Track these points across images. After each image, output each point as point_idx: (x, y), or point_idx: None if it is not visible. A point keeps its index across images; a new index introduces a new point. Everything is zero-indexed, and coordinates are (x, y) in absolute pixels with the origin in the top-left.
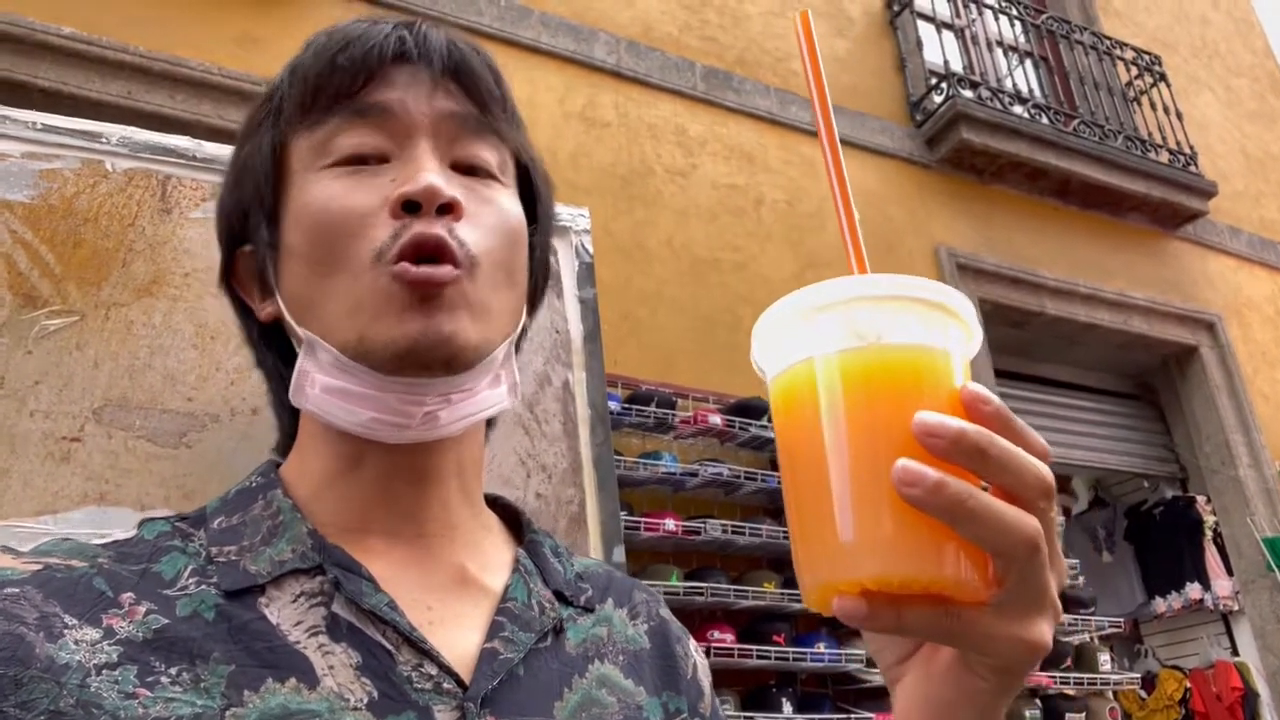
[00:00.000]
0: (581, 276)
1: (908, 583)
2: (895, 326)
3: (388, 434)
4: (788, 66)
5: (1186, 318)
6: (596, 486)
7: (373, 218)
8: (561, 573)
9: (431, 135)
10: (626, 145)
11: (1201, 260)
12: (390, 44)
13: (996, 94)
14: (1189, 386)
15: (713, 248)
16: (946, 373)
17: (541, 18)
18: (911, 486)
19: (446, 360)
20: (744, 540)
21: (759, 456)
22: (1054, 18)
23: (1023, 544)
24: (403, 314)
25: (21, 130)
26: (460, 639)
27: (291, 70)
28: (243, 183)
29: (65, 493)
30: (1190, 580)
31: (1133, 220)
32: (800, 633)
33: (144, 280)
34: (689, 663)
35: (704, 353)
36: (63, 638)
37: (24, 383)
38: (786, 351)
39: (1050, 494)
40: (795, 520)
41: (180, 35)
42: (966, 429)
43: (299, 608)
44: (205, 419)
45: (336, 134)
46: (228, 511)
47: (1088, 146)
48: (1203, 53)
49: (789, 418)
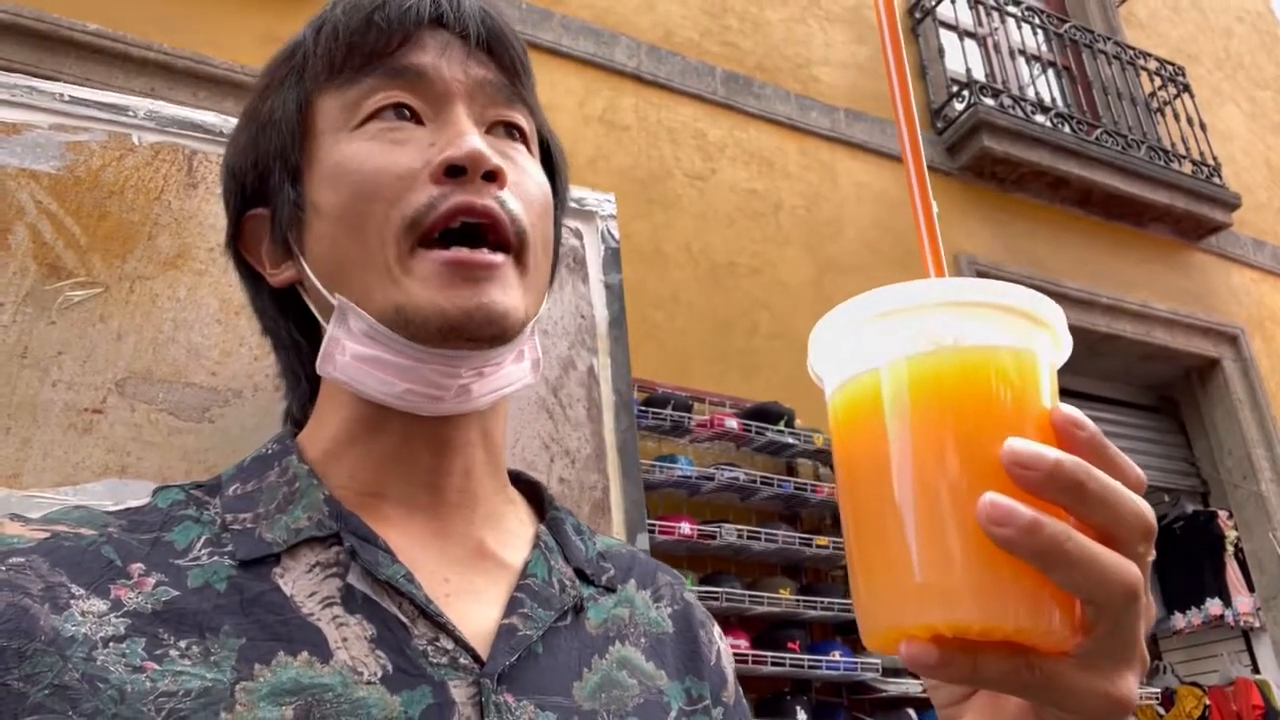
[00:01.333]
0: (608, 261)
1: (989, 631)
2: (974, 333)
3: (421, 405)
4: (808, 72)
5: (1209, 330)
6: (621, 473)
7: (411, 180)
8: (583, 551)
9: (467, 98)
10: (646, 149)
11: (1225, 273)
12: (426, 6)
13: (1018, 102)
14: (1211, 399)
15: (730, 252)
16: (1033, 382)
17: (563, 21)
18: (1001, 525)
19: (497, 335)
20: (759, 546)
21: (775, 461)
22: (1077, 27)
23: (1121, 593)
24: (447, 288)
25: (49, 102)
26: (478, 614)
27: (318, 27)
28: (260, 140)
29: (86, 464)
30: (1211, 596)
31: (1155, 231)
32: (815, 640)
33: (169, 254)
34: (713, 649)
35: (721, 357)
36: (68, 609)
37: (47, 353)
38: (848, 360)
39: (1151, 535)
40: (857, 552)
41: (204, 33)
42: (1064, 461)
43: (314, 578)
44: (228, 394)
45: (370, 93)
46: (243, 478)
47: (1110, 156)
48: (1227, 64)
49: (851, 436)
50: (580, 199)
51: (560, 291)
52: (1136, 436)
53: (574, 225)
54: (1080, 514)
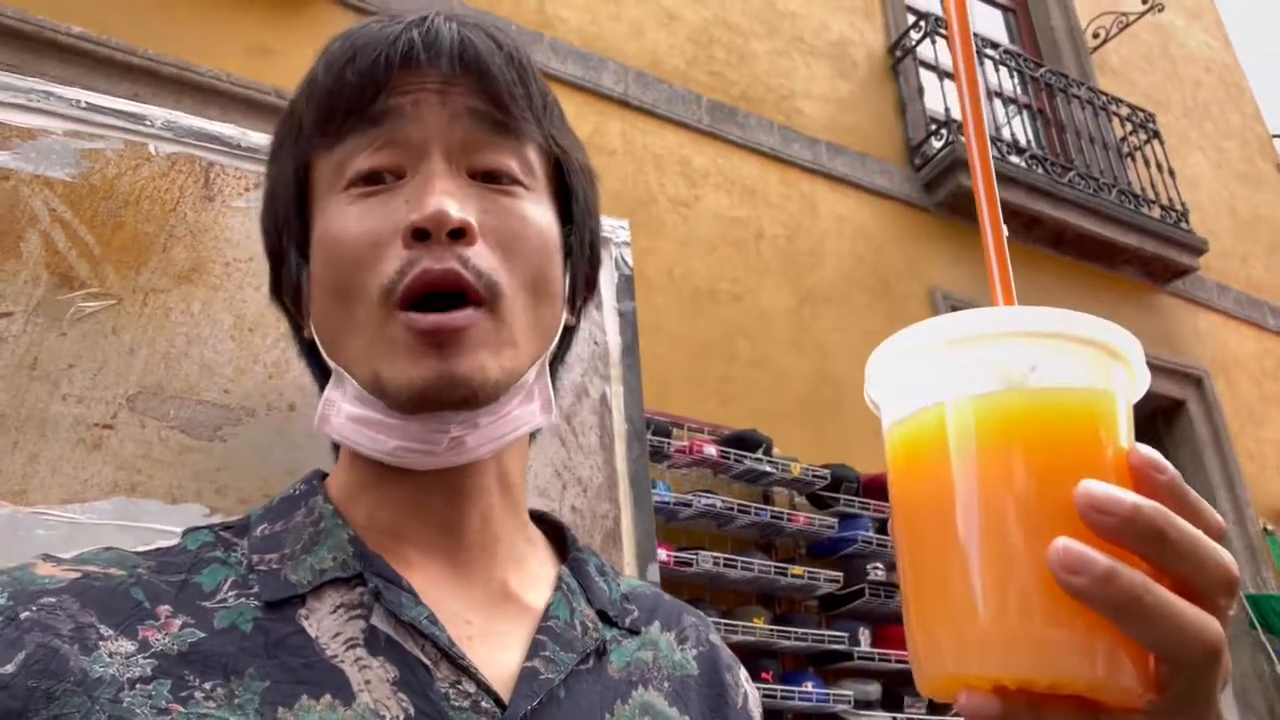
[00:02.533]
0: (621, 289)
1: (1057, 685)
2: (1049, 367)
3: (415, 461)
4: (791, 104)
5: (1175, 371)
6: (632, 503)
7: (385, 248)
8: (606, 592)
9: (445, 144)
10: (632, 174)
11: (1191, 316)
12: (399, 49)
13: (994, 142)
14: (1176, 441)
15: (712, 279)
16: (1110, 425)
17: (552, 44)
18: (1075, 574)
19: (464, 399)
20: (735, 574)
21: (752, 490)
22: (1051, 71)
23: (1200, 649)
24: (415, 359)
25: (65, 107)
26: (500, 657)
27: (308, 84)
28: (273, 204)
29: (95, 481)
30: None
31: (1125, 273)
32: (788, 670)
33: (184, 267)
34: (739, 692)
35: (700, 383)
36: (97, 650)
37: (57, 365)
38: (911, 393)
39: (1234, 588)
40: (914, 595)
41: (190, 41)
42: (1143, 506)
43: (338, 619)
44: (241, 413)
45: (353, 154)
46: (271, 519)
47: (1082, 198)
48: (1194, 113)
49: (912, 473)
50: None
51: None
52: None
53: None
54: (1159, 563)
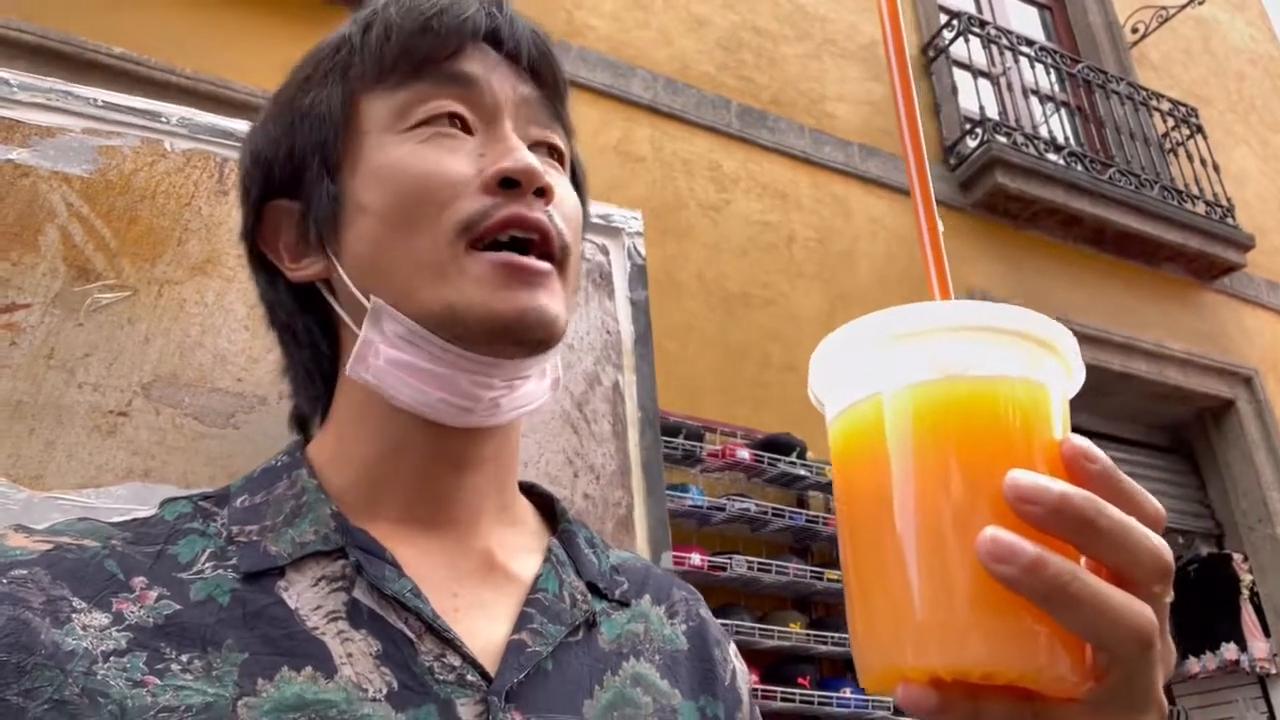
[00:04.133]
0: (634, 278)
1: (991, 675)
2: (982, 359)
3: (452, 416)
4: (822, 108)
5: (1224, 371)
6: (645, 490)
7: (463, 186)
8: (596, 564)
9: (513, 117)
10: (660, 179)
11: (1238, 314)
12: (483, 20)
13: (1031, 140)
14: (1225, 441)
15: (743, 283)
16: (1043, 414)
17: (581, 53)
18: (1002, 563)
19: (544, 339)
20: (770, 578)
21: (786, 493)
22: (1089, 67)
23: (1133, 638)
24: (499, 290)
25: (83, 106)
26: (486, 629)
27: (366, 26)
28: (298, 131)
29: (110, 467)
30: (1226, 640)
31: (1169, 270)
32: (826, 676)
33: (198, 259)
34: (728, 668)
35: (732, 387)
36: (70, 623)
37: (74, 355)
38: (848, 386)
39: (1168, 575)
40: (855, 586)
41: (227, 57)
42: (1070, 494)
43: (319, 592)
44: (254, 400)
45: (422, 99)
46: (251, 490)
47: (1123, 195)
48: (1239, 107)
49: (851, 464)
50: (607, 215)
51: (586, 307)
52: (1150, 476)
53: (600, 241)
54: (1091, 552)
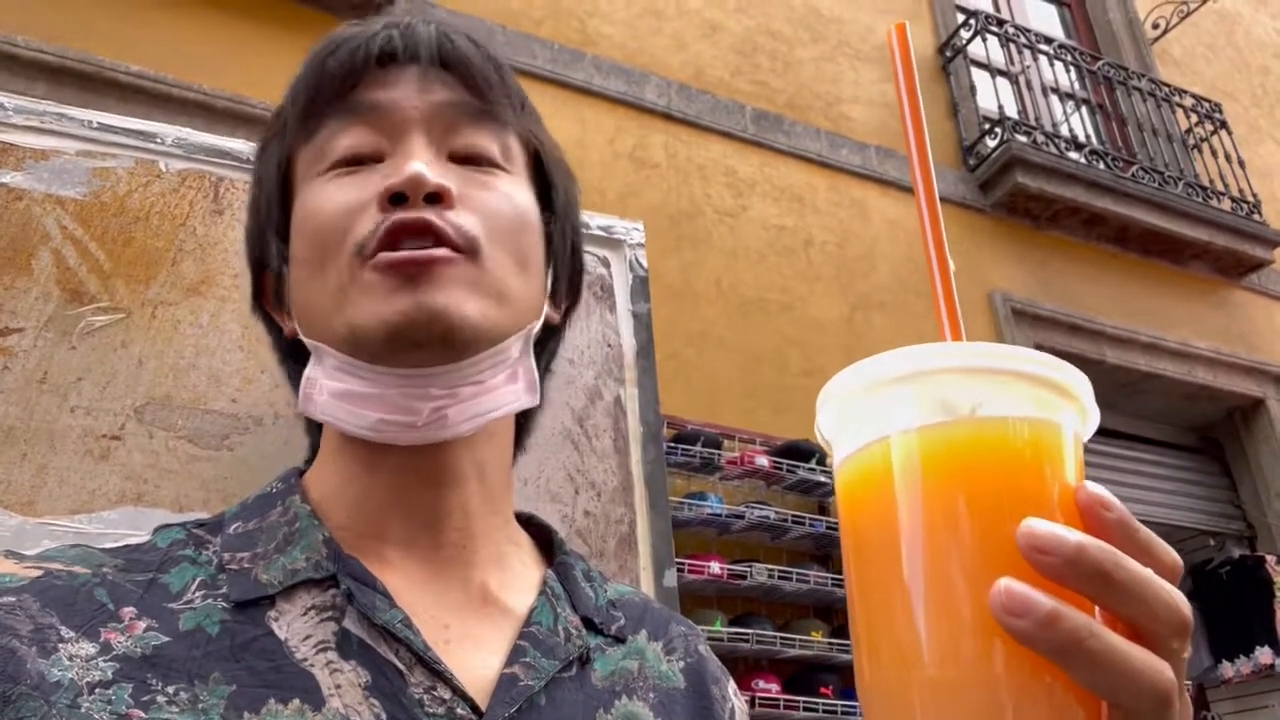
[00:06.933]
0: (635, 290)
1: None
2: (993, 401)
3: (396, 434)
4: (838, 110)
5: (1252, 369)
6: (648, 506)
7: (360, 213)
8: (592, 599)
9: (425, 129)
10: (676, 186)
11: (1266, 311)
12: (376, 43)
13: (1051, 139)
14: (1255, 440)
15: (761, 288)
16: (1057, 457)
17: (594, 61)
18: (1016, 616)
19: (441, 336)
20: (790, 586)
21: (806, 500)
22: (1110, 64)
23: (1151, 695)
24: (387, 294)
25: (77, 128)
26: (478, 662)
27: (292, 84)
28: (256, 203)
29: (103, 491)
30: (1260, 644)
31: (1194, 269)
32: (848, 685)
33: (193, 280)
34: (726, 706)
35: (751, 394)
36: (56, 652)
37: (66, 378)
38: (858, 427)
39: (1186, 631)
40: (863, 638)
41: (242, 73)
42: (1087, 545)
43: (309, 621)
44: (249, 421)
45: (332, 138)
46: (245, 516)
47: (1146, 193)
48: (1264, 101)
49: (856, 513)
50: (608, 227)
51: (587, 320)
52: (1179, 478)
53: (601, 254)
54: (1107, 605)
